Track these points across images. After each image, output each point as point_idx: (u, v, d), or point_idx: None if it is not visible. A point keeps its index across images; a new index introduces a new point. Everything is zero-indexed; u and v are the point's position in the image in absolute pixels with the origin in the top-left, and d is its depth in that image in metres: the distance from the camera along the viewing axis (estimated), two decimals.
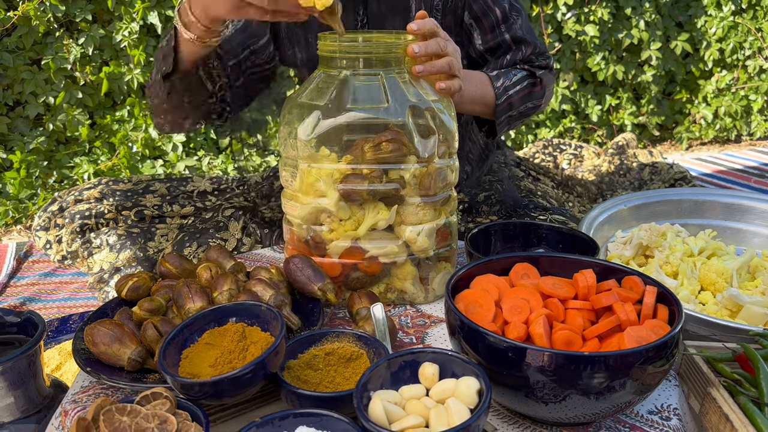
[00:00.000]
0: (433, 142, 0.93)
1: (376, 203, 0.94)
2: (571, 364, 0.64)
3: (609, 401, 0.67)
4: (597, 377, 0.64)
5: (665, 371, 0.68)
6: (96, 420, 0.61)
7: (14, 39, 2.32)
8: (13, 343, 0.95)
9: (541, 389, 0.67)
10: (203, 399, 0.67)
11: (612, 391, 0.66)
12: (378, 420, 0.63)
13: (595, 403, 0.67)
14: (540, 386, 0.67)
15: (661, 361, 0.67)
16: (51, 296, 1.67)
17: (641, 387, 0.67)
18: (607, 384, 0.65)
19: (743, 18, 3.04)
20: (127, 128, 2.52)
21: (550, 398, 0.67)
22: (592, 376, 0.64)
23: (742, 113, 3.12)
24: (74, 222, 1.71)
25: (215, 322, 0.77)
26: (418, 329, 0.94)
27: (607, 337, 0.74)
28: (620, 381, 0.65)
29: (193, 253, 1.42)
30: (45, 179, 2.39)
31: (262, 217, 1.50)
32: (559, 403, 0.67)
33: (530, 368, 0.66)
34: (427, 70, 0.94)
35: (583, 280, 0.78)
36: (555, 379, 0.65)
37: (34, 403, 0.92)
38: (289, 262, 0.93)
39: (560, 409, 0.68)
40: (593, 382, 0.65)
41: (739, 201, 1.25)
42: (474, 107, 1.20)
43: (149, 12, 2.41)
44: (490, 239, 1.06)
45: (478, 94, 1.18)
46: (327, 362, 0.76)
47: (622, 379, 0.65)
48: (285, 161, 0.99)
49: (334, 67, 0.94)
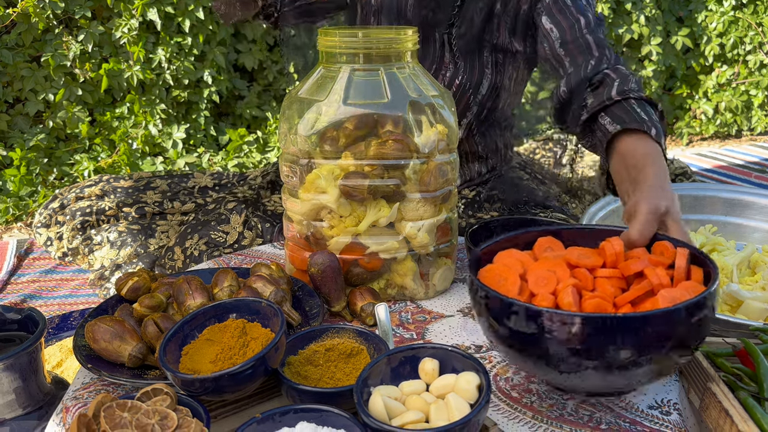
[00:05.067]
0: (433, 137, 0.93)
1: (377, 200, 0.94)
2: (607, 326, 0.62)
3: (647, 366, 0.65)
4: (636, 339, 0.62)
5: (704, 330, 0.66)
6: (97, 416, 0.61)
7: (14, 36, 2.31)
8: (14, 340, 0.96)
9: (580, 356, 0.64)
10: (204, 395, 0.67)
11: (651, 353, 0.63)
12: (378, 415, 0.63)
13: (634, 371, 0.65)
14: (578, 354, 0.64)
15: (701, 318, 0.64)
16: (52, 293, 1.67)
17: (681, 347, 0.65)
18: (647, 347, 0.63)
19: (744, 13, 3.03)
20: (127, 125, 2.52)
21: (574, 369, 0.65)
22: (631, 338, 0.62)
23: (743, 108, 3.11)
24: (75, 219, 1.71)
25: (216, 318, 0.77)
26: (419, 325, 0.94)
27: (640, 302, 0.70)
28: (660, 343, 0.63)
29: (194, 245, 1.42)
30: (45, 176, 2.39)
31: (264, 211, 1.50)
32: (592, 371, 0.65)
33: (570, 336, 0.63)
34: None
35: (611, 247, 0.74)
36: (589, 346, 0.63)
37: (35, 399, 0.92)
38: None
39: (593, 377, 0.66)
40: (628, 349, 0.63)
41: (740, 196, 1.25)
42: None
43: (149, 8, 2.41)
44: (491, 235, 1.06)
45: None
46: (327, 358, 0.76)
47: (663, 341, 0.63)
48: (285, 157, 0.99)
49: (334, 62, 0.94)
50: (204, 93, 2.62)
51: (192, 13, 2.48)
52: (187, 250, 1.42)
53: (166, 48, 2.48)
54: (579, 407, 0.76)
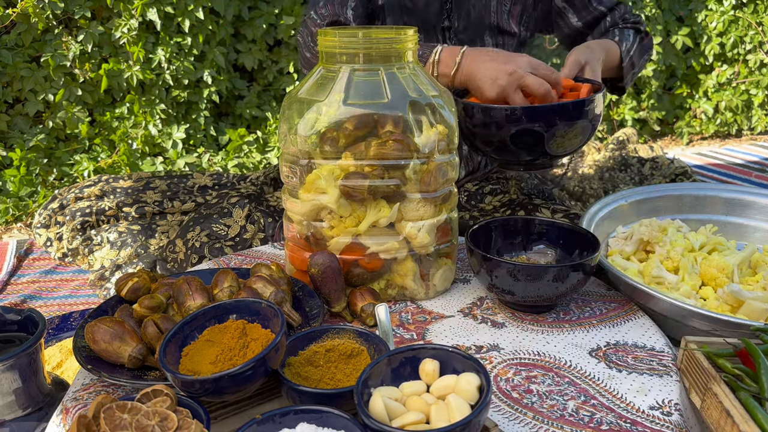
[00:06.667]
0: (433, 137, 0.93)
1: (377, 200, 0.94)
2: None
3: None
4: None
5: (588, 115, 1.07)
6: (97, 417, 0.61)
7: (13, 36, 2.31)
8: (13, 341, 0.96)
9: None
10: (204, 396, 0.67)
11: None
12: (379, 416, 0.63)
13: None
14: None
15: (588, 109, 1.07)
16: (51, 294, 1.67)
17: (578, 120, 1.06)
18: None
19: (744, 12, 3.03)
20: (127, 125, 2.51)
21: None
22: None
23: (743, 108, 3.11)
24: (75, 219, 1.71)
25: (216, 319, 0.77)
26: (419, 325, 0.94)
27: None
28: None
29: (195, 237, 1.42)
30: (45, 177, 2.39)
31: (267, 206, 1.51)
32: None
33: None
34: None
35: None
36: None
37: (35, 400, 0.92)
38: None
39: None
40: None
41: (740, 196, 1.24)
42: (606, 73, 1.34)
43: (148, 9, 2.41)
44: (490, 235, 1.05)
45: (611, 62, 1.33)
46: (327, 359, 0.76)
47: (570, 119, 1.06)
48: (285, 157, 0.99)
49: (333, 62, 0.94)
50: (204, 93, 2.62)
51: (192, 13, 2.48)
52: (189, 242, 1.42)
53: (165, 48, 2.48)
54: (580, 408, 0.76)
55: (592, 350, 0.87)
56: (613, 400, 0.77)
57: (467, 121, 1.11)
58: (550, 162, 1.16)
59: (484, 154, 1.18)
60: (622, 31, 1.39)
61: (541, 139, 1.07)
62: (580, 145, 1.11)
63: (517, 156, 1.12)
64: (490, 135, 1.10)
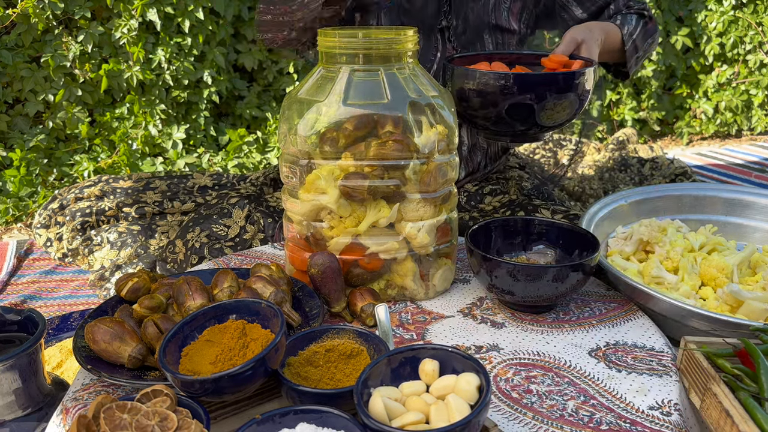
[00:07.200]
0: (433, 138, 0.93)
1: (377, 201, 0.94)
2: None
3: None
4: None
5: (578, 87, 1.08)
6: (96, 417, 0.61)
7: (13, 36, 2.31)
8: (13, 342, 0.96)
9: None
10: (204, 396, 0.67)
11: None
12: (378, 416, 0.63)
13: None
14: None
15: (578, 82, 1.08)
16: (51, 294, 1.67)
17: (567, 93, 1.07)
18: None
19: (744, 12, 3.03)
20: (127, 126, 2.51)
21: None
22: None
23: (743, 108, 3.11)
24: (75, 220, 1.71)
25: (215, 319, 0.77)
26: (419, 326, 0.94)
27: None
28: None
29: (195, 237, 1.42)
30: (45, 177, 2.39)
31: (267, 206, 1.51)
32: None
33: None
34: None
35: (549, 60, 1.17)
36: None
37: (35, 400, 0.92)
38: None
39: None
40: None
41: (740, 196, 1.24)
42: (607, 57, 1.36)
43: (148, 9, 2.41)
44: (490, 235, 1.06)
45: (611, 44, 1.33)
46: (327, 359, 0.76)
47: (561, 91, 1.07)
48: (285, 158, 0.99)
49: (333, 62, 0.94)
50: (204, 93, 2.62)
51: (192, 13, 2.48)
52: (189, 242, 1.42)
53: (165, 48, 2.48)
54: (579, 408, 0.76)
55: (592, 350, 0.87)
56: (613, 400, 0.77)
57: (465, 87, 1.11)
58: (537, 135, 1.18)
59: (473, 125, 1.18)
60: (625, 16, 1.38)
61: (531, 110, 1.09)
62: (567, 119, 1.13)
63: (511, 126, 1.14)
64: (484, 102, 1.11)
